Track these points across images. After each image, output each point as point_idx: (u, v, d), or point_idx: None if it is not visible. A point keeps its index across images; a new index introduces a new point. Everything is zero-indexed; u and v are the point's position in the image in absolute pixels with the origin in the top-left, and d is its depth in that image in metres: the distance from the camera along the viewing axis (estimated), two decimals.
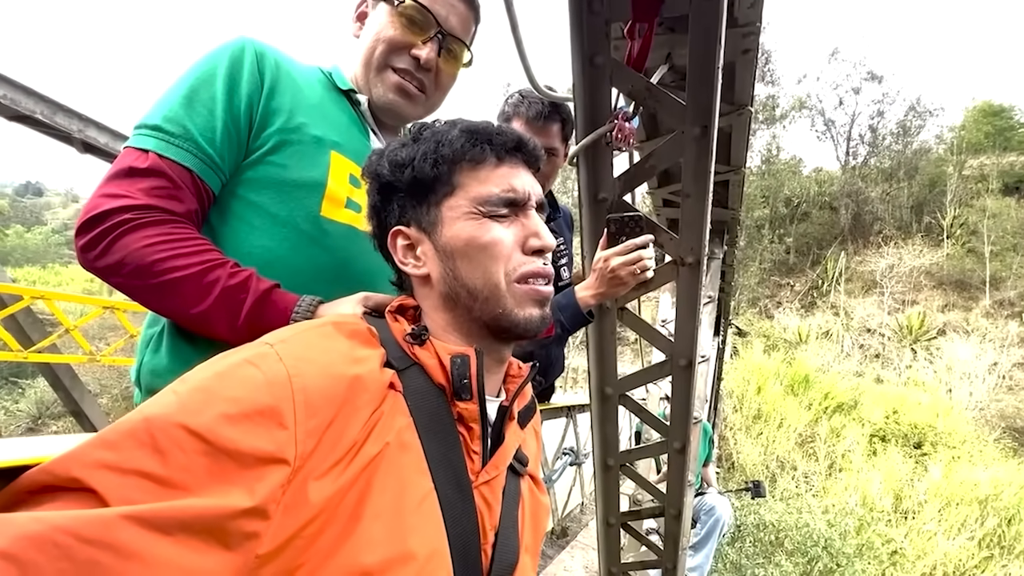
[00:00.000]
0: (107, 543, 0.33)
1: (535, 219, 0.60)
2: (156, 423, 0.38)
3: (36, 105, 3.72)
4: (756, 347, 15.19)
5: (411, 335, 0.56)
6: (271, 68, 0.80)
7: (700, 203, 1.25)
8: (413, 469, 0.49)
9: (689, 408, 1.60)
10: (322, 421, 0.43)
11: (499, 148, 0.58)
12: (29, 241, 36.36)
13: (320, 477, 0.42)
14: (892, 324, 17.17)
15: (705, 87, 1.13)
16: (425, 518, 0.48)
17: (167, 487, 0.36)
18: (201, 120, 0.73)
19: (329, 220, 0.82)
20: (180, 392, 0.42)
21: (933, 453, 10.98)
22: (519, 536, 0.61)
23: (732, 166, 2.25)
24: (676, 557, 1.96)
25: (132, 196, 0.67)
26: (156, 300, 0.69)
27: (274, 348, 0.46)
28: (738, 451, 11.34)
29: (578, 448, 4.25)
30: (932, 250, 19.34)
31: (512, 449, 0.61)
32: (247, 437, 0.39)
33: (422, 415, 0.52)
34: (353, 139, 0.88)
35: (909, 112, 23.58)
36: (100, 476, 0.36)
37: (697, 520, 3.54)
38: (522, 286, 0.57)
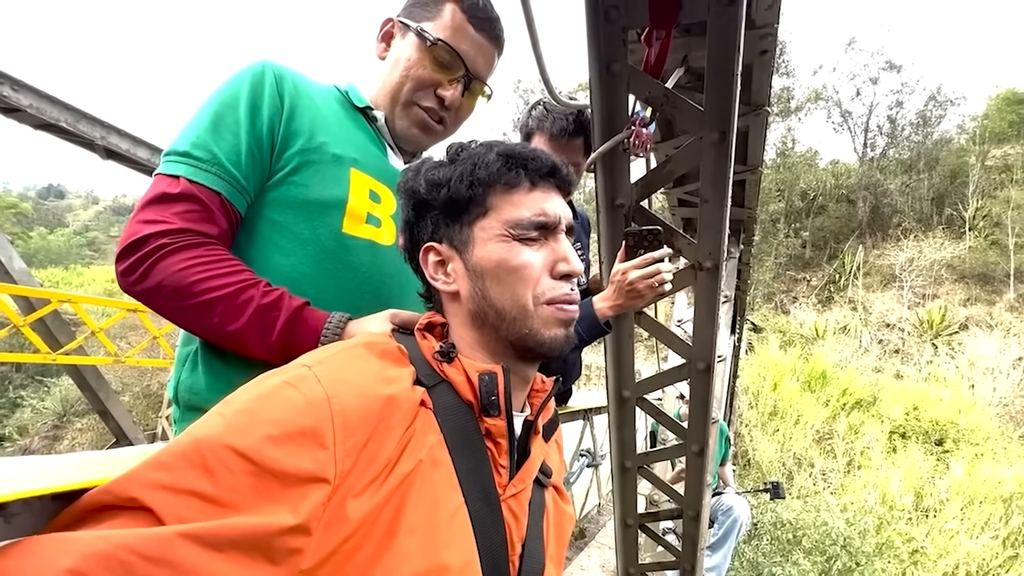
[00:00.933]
0: (166, 560, 0.35)
1: (564, 244, 0.61)
2: (205, 445, 0.41)
3: (60, 113, 3.82)
4: (772, 343, 15.03)
5: (440, 353, 0.57)
6: (290, 90, 0.82)
7: (718, 208, 1.25)
8: (444, 485, 0.51)
9: (707, 411, 1.60)
10: (359, 440, 0.45)
11: (533, 173, 0.60)
12: (52, 243, 37.21)
13: (358, 495, 0.44)
14: (912, 319, 16.83)
15: (724, 93, 1.12)
16: (457, 532, 0.50)
17: (217, 505, 0.38)
18: (227, 144, 0.75)
19: (351, 236, 0.84)
20: (226, 414, 0.44)
21: (955, 450, 10.75)
22: (544, 546, 0.63)
23: (749, 166, 2.24)
24: (695, 558, 1.97)
25: (168, 221, 0.70)
26: (194, 320, 0.71)
27: (312, 370, 0.48)
28: (754, 448, 11.24)
29: (595, 450, 4.25)
30: (954, 243, 18.89)
31: (538, 462, 0.62)
32: (290, 457, 0.41)
33: (452, 431, 0.54)
34: (371, 155, 0.90)
35: (929, 102, 23.00)
36: (156, 496, 0.38)
37: (715, 520, 3.53)
38: (548, 308, 0.58)
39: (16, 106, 3.57)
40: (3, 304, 3.75)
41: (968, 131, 22.67)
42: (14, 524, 0.43)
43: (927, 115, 22.88)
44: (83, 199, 65.12)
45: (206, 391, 0.78)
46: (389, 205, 0.91)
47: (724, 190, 1.22)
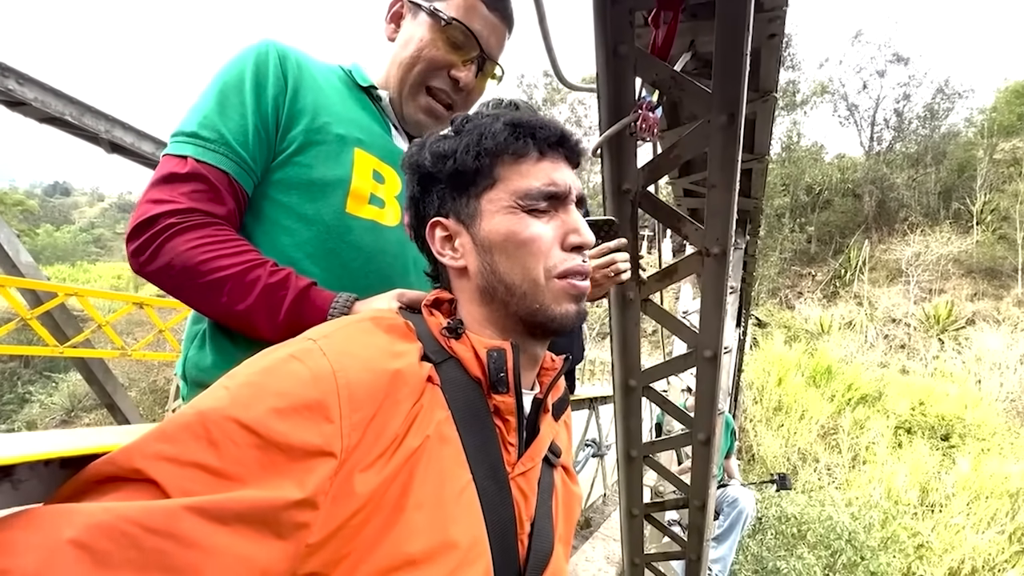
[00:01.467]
0: (171, 533, 0.35)
1: (575, 215, 0.59)
2: (210, 417, 0.40)
3: (66, 107, 3.82)
4: (776, 338, 14.97)
5: (447, 329, 0.57)
6: (293, 69, 0.81)
7: (726, 193, 1.24)
8: (452, 461, 0.50)
9: (714, 400, 1.59)
10: (366, 415, 0.45)
11: (542, 142, 0.58)
12: (58, 240, 37.43)
13: (365, 469, 0.44)
14: (918, 314, 16.74)
15: (732, 75, 1.11)
16: (465, 509, 0.49)
17: (222, 478, 0.38)
18: (233, 124, 0.75)
19: (354, 216, 0.83)
20: (230, 387, 0.43)
21: (961, 445, 10.72)
22: (553, 526, 0.62)
23: (756, 154, 2.22)
24: (700, 548, 1.96)
25: (176, 201, 0.70)
26: (203, 299, 0.71)
27: (317, 344, 0.48)
28: (758, 443, 11.23)
29: (600, 439, 4.25)
30: (961, 237, 18.73)
31: (547, 441, 0.62)
32: (296, 431, 0.41)
33: (459, 408, 0.53)
34: (375, 135, 0.89)
35: (937, 95, 22.78)
36: (160, 468, 0.38)
37: (720, 512, 3.52)
38: (560, 282, 0.57)
39: (22, 99, 3.58)
40: (10, 297, 3.77)
41: (976, 124, 22.42)
42: (21, 490, 0.43)
43: (934, 108, 22.66)
44: (89, 196, 65.42)
45: (212, 368, 0.78)
46: (393, 186, 0.90)
47: (732, 174, 1.21)
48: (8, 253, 3.71)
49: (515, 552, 0.53)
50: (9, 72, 3.50)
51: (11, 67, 3.50)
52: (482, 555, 0.49)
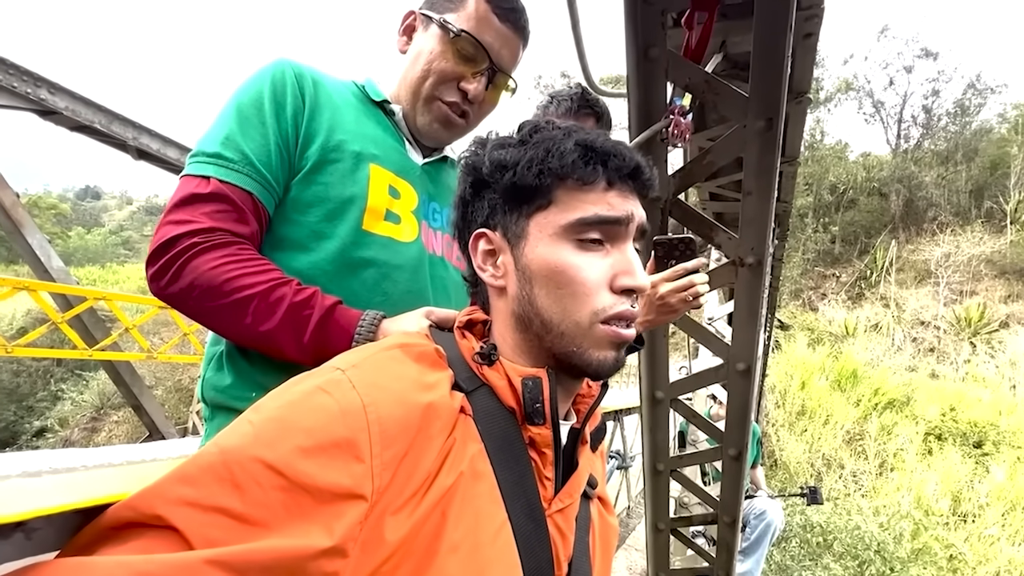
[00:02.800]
0: None
1: (630, 253, 0.53)
2: (233, 457, 0.38)
3: (95, 115, 3.92)
4: (800, 341, 14.64)
5: (480, 355, 0.53)
6: (310, 88, 0.81)
7: (764, 201, 1.19)
8: (487, 499, 0.47)
9: (747, 414, 1.53)
10: (397, 452, 0.42)
11: (613, 172, 0.52)
12: (89, 242, 38.54)
13: (397, 512, 0.41)
14: (948, 316, 16.20)
15: (772, 78, 1.06)
16: (501, 551, 0.46)
17: (246, 524, 0.35)
18: (255, 144, 0.74)
19: (370, 233, 0.82)
20: (255, 422, 0.41)
21: (995, 453, 10.32)
22: (591, 564, 0.58)
23: (787, 157, 2.14)
24: (730, 565, 1.90)
25: (197, 221, 0.68)
26: (226, 320, 0.69)
27: (346, 374, 0.45)
28: (781, 449, 10.99)
29: (625, 451, 4.18)
30: (993, 237, 18.08)
31: (585, 475, 0.58)
32: (323, 471, 0.38)
33: (493, 440, 0.50)
34: (390, 150, 0.88)
35: (968, 90, 22.07)
36: (182, 514, 0.35)
37: (746, 524, 3.43)
38: (603, 328, 0.52)
39: (53, 108, 3.68)
40: (42, 301, 3.87)
41: (1010, 120, 21.62)
42: (35, 540, 0.41)
43: (965, 104, 21.95)
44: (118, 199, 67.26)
45: (231, 389, 0.76)
46: (409, 201, 0.89)
47: (770, 181, 1.16)
48: (40, 258, 3.81)
49: None
50: (41, 82, 3.60)
51: (43, 77, 3.60)
52: None
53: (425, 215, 0.91)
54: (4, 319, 15.22)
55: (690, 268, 1.00)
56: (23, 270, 15.75)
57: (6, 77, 3.39)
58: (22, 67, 3.47)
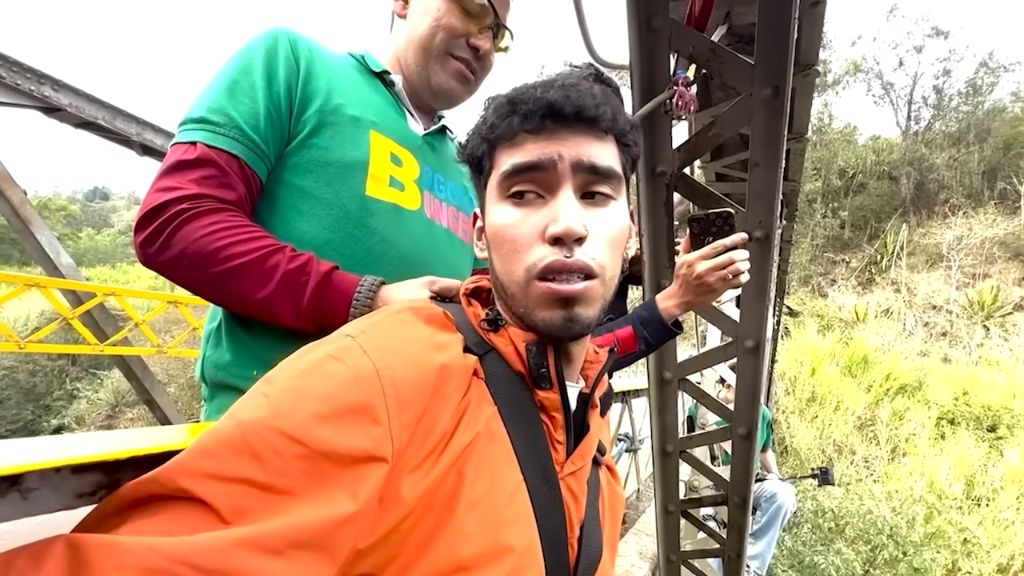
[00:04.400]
0: (222, 571, 0.32)
1: (561, 200, 0.48)
2: (250, 428, 0.37)
3: (99, 112, 3.92)
4: (809, 327, 14.55)
5: (486, 321, 0.52)
6: (305, 53, 0.79)
7: (771, 172, 1.16)
8: (502, 460, 0.47)
9: (756, 392, 1.52)
10: (414, 414, 0.41)
11: (524, 118, 0.49)
12: (99, 243, 38.94)
13: (414, 470, 0.40)
14: (961, 300, 16.00)
15: (778, 44, 1.03)
16: (517, 511, 0.46)
17: (271, 493, 0.35)
18: (244, 108, 0.72)
19: (375, 199, 0.81)
20: (269, 394, 0.40)
21: (1010, 436, 10.23)
22: (601, 529, 0.58)
23: (795, 133, 2.10)
24: (740, 546, 1.89)
25: (185, 187, 0.67)
26: (219, 289, 0.68)
27: (356, 340, 0.44)
28: (791, 435, 10.95)
29: (634, 434, 4.17)
30: (1007, 219, 17.78)
31: (596, 439, 0.57)
32: (341, 437, 0.38)
33: (505, 403, 0.49)
34: (390, 119, 0.87)
35: (980, 69, 21.61)
36: (206, 486, 0.35)
37: (757, 507, 3.42)
38: (539, 284, 0.48)
39: (57, 105, 3.69)
40: (53, 298, 3.91)
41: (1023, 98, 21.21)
42: (31, 500, 0.40)
43: (977, 83, 21.52)
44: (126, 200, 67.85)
45: (231, 366, 0.75)
46: (412, 170, 0.87)
47: (777, 152, 1.13)
48: (49, 256, 3.84)
49: (566, 557, 0.50)
50: (45, 79, 3.61)
51: (47, 74, 3.60)
52: (535, 561, 0.45)
53: (429, 186, 0.90)
54: (19, 320, 15.43)
55: (729, 244, 0.95)
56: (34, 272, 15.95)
57: (10, 75, 3.40)
58: (25, 64, 3.48)
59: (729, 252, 0.94)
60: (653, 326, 1.04)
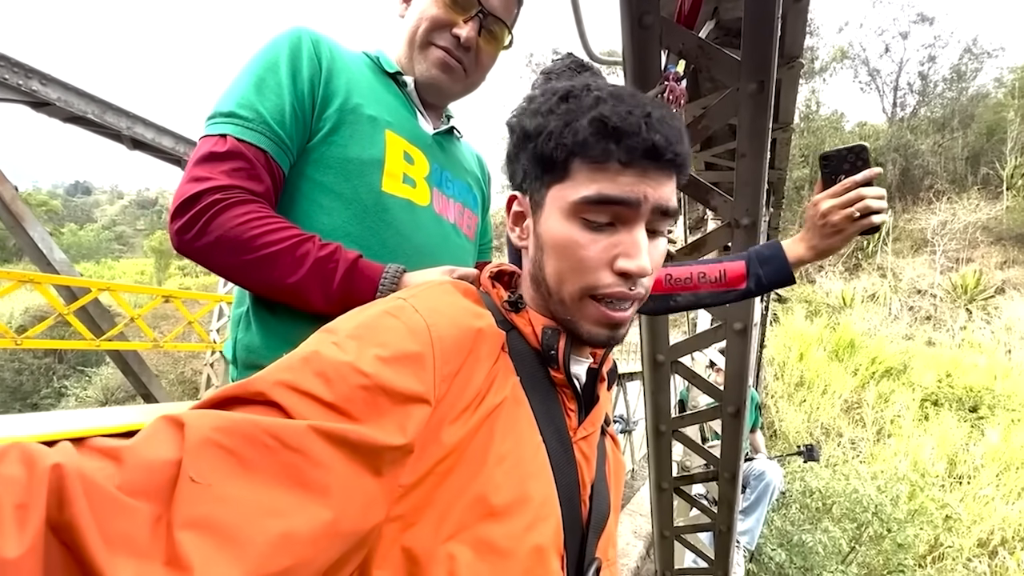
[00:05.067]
0: (300, 450, 0.37)
1: (637, 236, 0.51)
2: (323, 358, 0.43)
3: (88, 106, 3.89)
4: (797, 313, 14.77)
5: (508, 302, 0.58)
6: (326, 53, 0.83)
7: (757, 162, 1.23)
8: (526, 422, 0.53)
9: (744, 372, 1.59)
10: (453, 368, 0.47)
11: (624, 152, 0.50)
12: (83, 238, 38.29)
13: (453, 421, 0.46)
14: (945, 284, 16.32)
15: (762, 41, 1.09)
16: (539, 468, 0.52)
17: (334, 411, 0.40)
18: (271, 104, 0.76)
19: (390, 195, 0.85)
20: (336, 340, 0.46)
21: (990, 416, 10.52)
22: (608, 489, 0.64)
23: (780, 123, 2.17)
24: (731, 520, 1.98)
25: (217, 178, 0.71)
26: (253, 275, 0.73)
27: (408, 302, 0.50)
28: (780, 419, 11.17)
29: (628, 415, 4.27)
30: (990, 203, 18.11)
31: (604, 409, 0.64)
32: (399, 377, 0.43)
33: (526, 375, 0.55)
34: (403, 119, 0.91)
35: (964, 55, 21.88)
36: (282, 393, 0.40)
37: (747, 485, 3.54)
38: (593, 304, 0.53)
39: (46, 100, 3.66)
40: (48, 294, 3.90)
41: (1007, 84, 21.47)
42: None
43: (961, 69, 21.77)
44: (109, 194, 66.55)
45: (262, 348, 0.80)
46: (422, 167, 0.92)
47: (763, 143, 1.20)
48: (43, 251, 3.83)
49: (579, 512, 0.56)
50: (33, 73, 3.57)
51: (35, 68, 3.57)
52: (553, 512, 0.51)
53: (438, 183, 0.95)
54: (3, 316, 15.22)
55: (859, 180, 0.86)
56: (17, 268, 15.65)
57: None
58: (13, 59, 3.44)
59: (860, 188, 0.86)
60: (773, 264, 0.95)
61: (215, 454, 0.35)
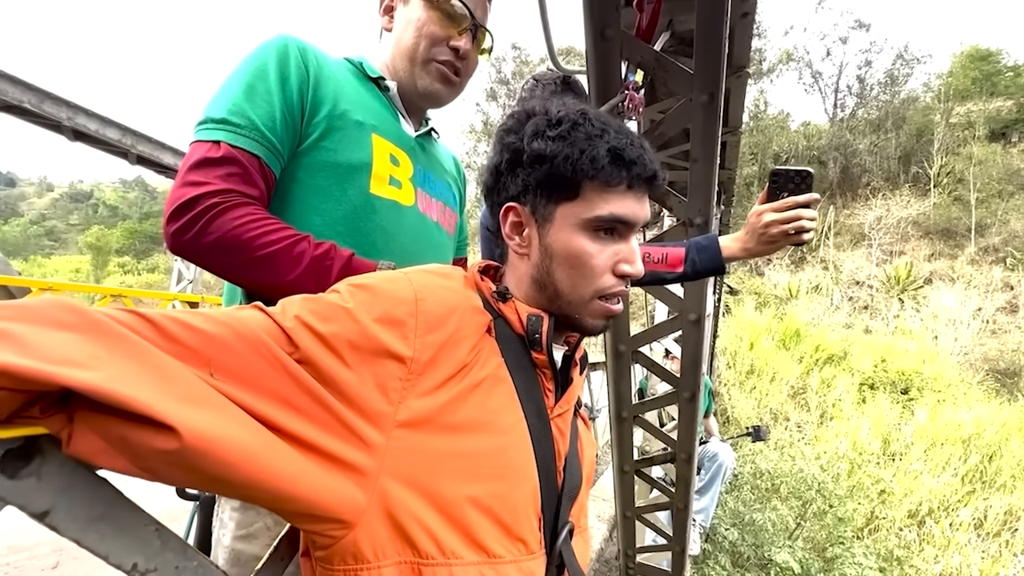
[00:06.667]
0: (294, 342, 0.49)
1: (634, 245, 0.65)
2: (329, 301, 0.53)
3: (23, 94, 3.66)
4: (748, 304, 15.46)
5: (497, 293, 0.66)
6: (313, 61, 0.87)
7: (708, 166, 1.34)
8: (507, 398, 0.60)
9: (698, 360, 1.72)
10: (438, 339, 0.55)
11: (635, 178, 0.61)
12: (7, 234, 35.52)
13: (439, 386, 0.54)
14: (880, 275, 17.45)
15: (712, 57, 1.19)
16: (519, 439, 0.60)
17: (323, 344, 0.50)
18: (262, 111, 0.79)
19: (378, 197, 0.90)
20: (337, 295, 0.55)
21: (919, 398, 11.35)
22: (580, 464, 0.72)
23: (730, 127, 2.32)
24: (687, 498, 2.12)
25: (213, 183, 0.74)
26: (252, 274, 0.76)
27: (406, 275, 0.59)
28: (732, 406, 11.69)
29: (592, 403, 4.41)
30: (919, 200, 19.46)
31: (578, 390, 0.72)
32: (382, 333, 0.52)
33: (510, 357, 0.63)
34: (387, 122, 0.96)
35: (897, 60, 23.35)
36: (285, 319, 0.51)
37: (701, 467, 3.74)
38: (600, 303, 0.64)
39: None
40: None
41: (933, 89, 23.09)
42: None
43: (895, 74, 23.21)
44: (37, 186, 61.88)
45: None
46: (407, 169, 0.97)
47: (713, 149, 1.30)
48: None
49: (555, 481, 0.64)
50: None
51: None
52: (531, 477, 0.59)
53: (421, 183, 1.00)
54: None
55: (800, 202, 0.96)
56: None
57: None
58: None
59: (799, 209, 0.97)
60: (707, 254, 1.08)
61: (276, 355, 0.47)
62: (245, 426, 0.42)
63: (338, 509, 0.48)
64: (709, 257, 1.09)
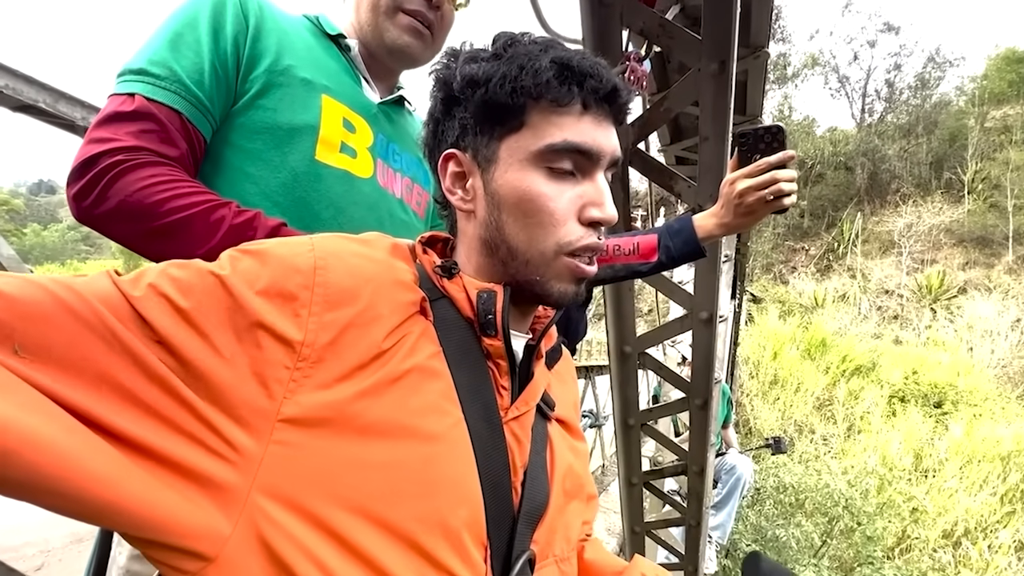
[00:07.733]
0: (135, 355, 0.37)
1: (601, 184, 0.52)
2: (199, 267, 0.42)
3: (38, 94, 3.69)
4: (771, 313, 15.09)
5: (440, 267, 0.53)
6: (255, 11, 0.77)
7: (719, 145, 1.20)
8: (441, 396, 0.47)
9: (710, 364, 1.57)
10: (343, 316, 0.43)
11: (589, 94, 0.49)
12: (46, 239, 36.99)
13: (344, 378, 0.42)
14: (911, 284, 16.90)
15: (722, 19, 1.06)
16: (452, 446, 0.46)
17: (182, 318, 0.39)
18: (187, 62, 0.69)
19: (325, 164, 0.79)
20: (224, 259, 0.44)
21: (954, 412, 10.91)
22: (549, 478, 0.59)
23: (748, 115, 2.17)
24: (700, 514, 1.96)
25: (121, 139, 0.64)
26: (159, 244, 0.66)
27: (312, 240, 0.47)
28: (755, 416, 11.38)
29: (598, 410, 4.26)
30: (952, 207, 18.84)
31: (541, 386, 0.58)
32: (264, 309, 0.41)
33: (452, 346, 0.50)
34: (344, 84, 0.85)
35: (928, 64, 22.74)
36: (140, 292, 0.39)
37: (718, 480, 3.55)
38: (568, 260, 0.52)
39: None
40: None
41: (967, 93, 22.40)
42: None
43: (925, 77, 22.61)
44: None
45: None
46: (365, 136, 0.86)
47: (725, 125, 1.17)
48: None
49: (508, 499, 0.51)
50: None
51: None
52: (471, 496, 0.46)
53: (383, 155, 0.89)
54: None
55: (773, 162, 0.85)
56: None
57: None
58: None
59: (774, 171, 0.85)
60: (681, 237, 0.95)
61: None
62: (51, 417, 0.31)
63: (186, 537, 0.35)
64: (684, 240, 0.96)
